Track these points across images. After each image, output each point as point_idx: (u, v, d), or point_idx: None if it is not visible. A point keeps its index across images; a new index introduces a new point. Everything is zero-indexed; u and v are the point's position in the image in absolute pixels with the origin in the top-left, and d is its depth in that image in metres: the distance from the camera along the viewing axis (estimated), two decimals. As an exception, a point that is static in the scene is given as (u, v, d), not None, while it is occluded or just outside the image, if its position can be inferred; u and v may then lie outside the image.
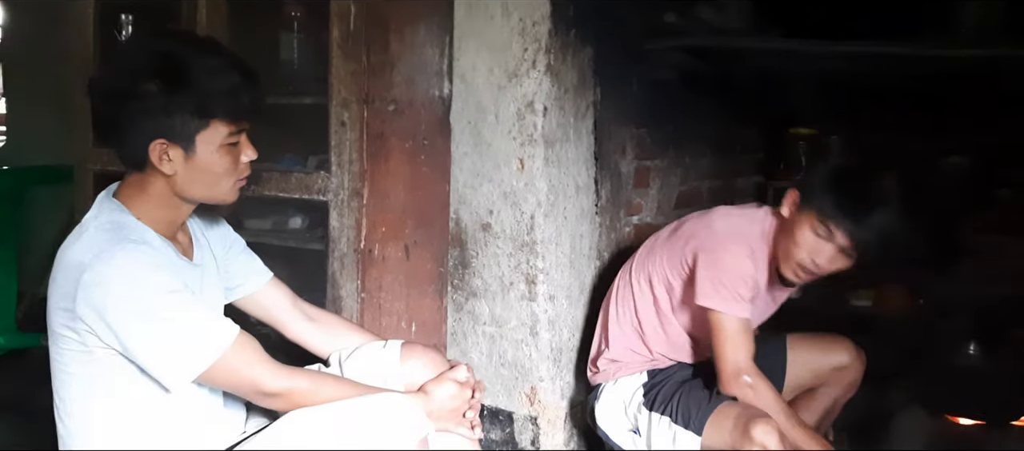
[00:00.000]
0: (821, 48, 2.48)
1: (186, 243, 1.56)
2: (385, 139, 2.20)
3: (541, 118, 2.22)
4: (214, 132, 1.42)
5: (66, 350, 1.40)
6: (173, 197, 1.46)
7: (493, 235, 2.32)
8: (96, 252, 1.34)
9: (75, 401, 1.44)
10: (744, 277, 1.92)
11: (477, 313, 2.38)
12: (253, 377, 1.42)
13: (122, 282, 1.34)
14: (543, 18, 2.21)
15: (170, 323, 1.36)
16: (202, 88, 1.38)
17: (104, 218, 1.42)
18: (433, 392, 1.60)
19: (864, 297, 3.33)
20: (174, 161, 1.41)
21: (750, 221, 2.02)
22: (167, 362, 1.38)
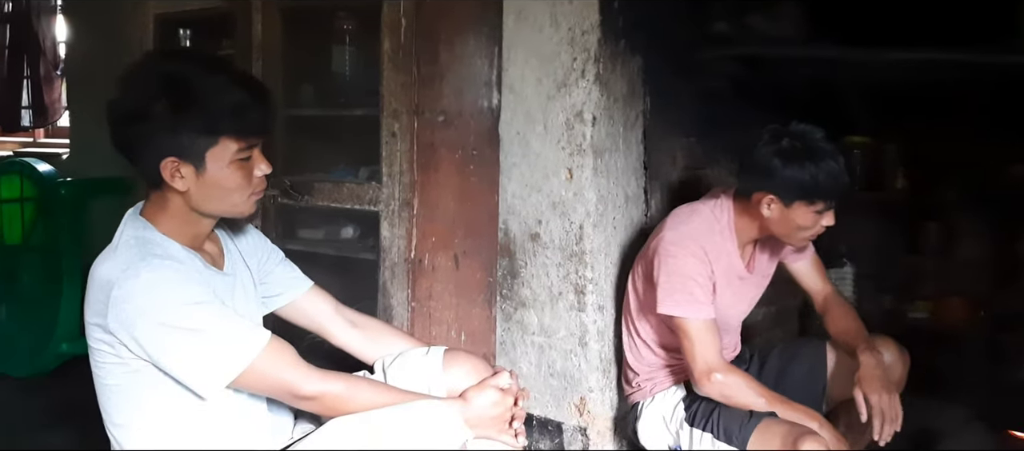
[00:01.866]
0: (875, 56, 2.44)
1: (216, 253, 1.59)
2: (435, 150, 2.21)
3: (590, 128, 2.22)
4: (223, 149, 1.44)
5: (104, 363, 1.44)
6: (191, 212, 1.48)
7: (542, 245, 2.32)
8: (123, 268, 1.38)
9: (119, 412, 1.47)
10: (693, 276, 1.94)
11: (526, 323, 2.38)
12: (286, 381, 1.45)
13: (149, 296, 1.36)
14: (592, 28, 2.20)
15: (198, 333, 1.39)
16: (209, 106, 1.40)
17: (130, 235, 1.45)
18: (473, 399, 1.59)
19: (921, 309, 3.25)
20: (186, 178, 1.43)
21: (702, 218, 2.03)
22: (197, 371, 1.41)
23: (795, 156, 1.88)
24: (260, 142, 1.50)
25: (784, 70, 2.69)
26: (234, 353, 1.41)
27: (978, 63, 2.36)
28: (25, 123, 4.88)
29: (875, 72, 2.72)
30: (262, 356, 1.42)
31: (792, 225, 1.94)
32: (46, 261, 3.45)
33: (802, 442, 1.77)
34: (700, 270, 1.95)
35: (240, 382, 1.43)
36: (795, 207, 1.91)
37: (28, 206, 3.53)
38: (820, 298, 2.24)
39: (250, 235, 1.71)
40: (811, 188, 1.87)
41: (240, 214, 1.53)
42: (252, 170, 1.49)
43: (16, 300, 3.57)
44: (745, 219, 2.01)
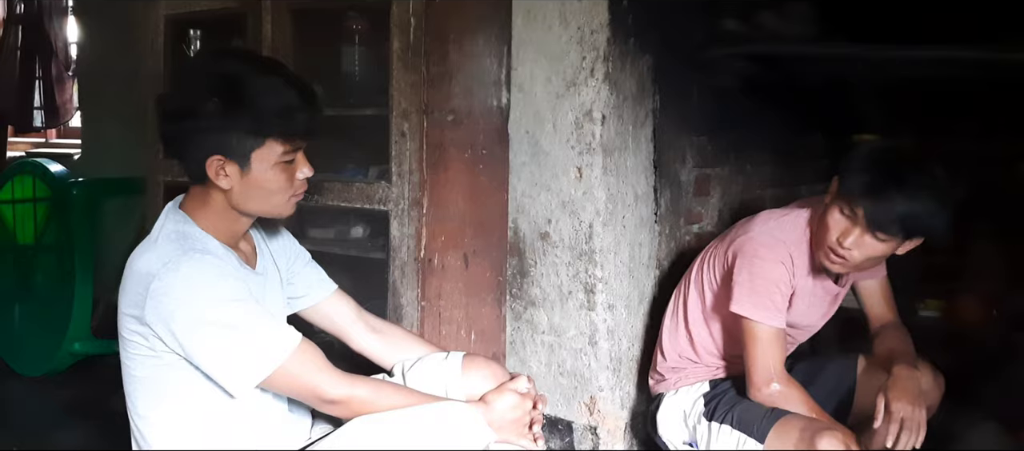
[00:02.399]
0: (887, 53, 2.42)
1: (249, 252, 1.61)
2: (444, 149, 2.21)
3: (599, 127, 2.22)
4: (269, 150, 1.46)
5: (135, 355, 1.46)
6: (231, 210, 1.51)
7: (551, 244, 2.32)
8: (164, 262, 1.40)
9: (145, 404, 1.49)
10: (777, 283, 1.89)
11: (536, 322, 2.38)
12: (314, 384, 1.46)
13: (188, 290, 1.39)
14: (601, 26, 2.20)
15: (234, 330, 1.41)
16: (258, 108, 1.42)
17: (170, 228, 1.47)
18: (494, 403, 1.61)
19: (933, 307, 3.23)
20: (231, 177, 1.46)
21: (792, 224, 1.98)
22: (231, 368, 1.42)
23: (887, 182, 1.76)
24: (305, 145, 1.52)
25: (795, 68, 2.68)
26: (267, 353, 1.43)
27: (992, 60, 2.35)
28: (37, 124, 4.91)
29: (887, 69, 2.70)
30: (293, 357, 1.44)
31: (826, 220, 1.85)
32: (58, 261, 3.48)
33: (820, 439, 1.75)
34: (783, 278, 1.91)
35: (270, 382, 1.45)
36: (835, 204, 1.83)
37: (41, 206, 3.56)
38: (877, 324, 2.15)
39: (282, 236, 1.73)
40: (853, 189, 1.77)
41: (279, 215, 1.56)
42: (295, 173, 1.51)
43: (29, 300, 3.60)
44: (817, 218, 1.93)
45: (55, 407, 3.17)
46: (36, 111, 4.87)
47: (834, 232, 1.83)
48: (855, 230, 1.80)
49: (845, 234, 1.81)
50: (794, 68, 2.69)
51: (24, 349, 3.58)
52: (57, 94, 4.79)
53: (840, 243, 1.82)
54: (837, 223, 1.82)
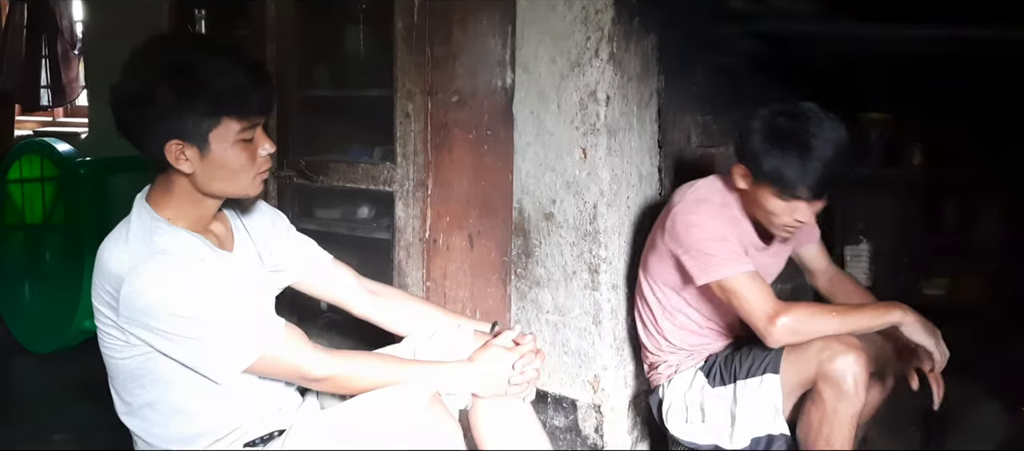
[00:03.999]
0: (892, 31, 2.41)
1: (224, 234, 1.60)
2: (449, 130, 2.21)
3: (604, 107, 2.21)
4: (226, 129, 1.45)
5: (113, 345, 1.47)
6: (196, 193, 1.50)
7: (556, 224, 2.33)
8: (131, 265, 1.40)
9: (127, 390, 1.51)
10: (721, 235, 1.91)
11: (540, 302, 2.39)
12: (297, 365, 1.49)
13: (159, 292, 1.39)
14: (606, 6, 2.18)
15: (209, 327, 1.42)
16: (210, 88, 1.42)
17: (137, 226, 1.46)
18: (478, 358, 1.64)
19: (938, 286, 3.24)
20: (191, 160, 1.45)
21: (708, 187, 2.01)
22: (211, 362, 1.44)
23: (775, 136, 1.83)
24: (262, 121, 1.51)
25: (801, 46, 2.67)
26: (246, 343, 1.44)
27: (998, 38, 2.33)
28: (44, 102, 4.92)
29: (893, 48, 2.69)
30: (273, 344, 1.46)
31: (761, 206, 1.90)
32: (67, 239, 3.49)
33: (833, 363, 1.77)
34: (723, 228, 1.92)
35: (254, 369, 1.47)
36: (762, 188, 1.87)
37: (49, 185, 3.57)
38: (825, 278, 2.24)
39: (259, 212, 1.72)
40: (772, 175, 1.82)
41: (246, 194, 1.55)
42: (256, 150, 1.51)
43: (38, 278, 3.62)
44: (746, 198, 1.97)
45: (65, 384, 3.19)
46: (42, 90, 4.89)
47: (781, 216, 1.87)
48: (800, 207, 1.84)
49: (796, 212, 1.85)
50: (798, 46, 2.68)
51: (34, 327, 3.61)
52: (63, 72, 4.80)
53: (796, 220, 1.87)
54: (781, 207, 1.85)
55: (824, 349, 1.81)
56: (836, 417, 1.80)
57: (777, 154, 1.81)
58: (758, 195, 1.89)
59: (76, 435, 2.73)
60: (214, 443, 1.53)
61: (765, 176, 1.84)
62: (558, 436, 2.37)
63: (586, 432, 2.35)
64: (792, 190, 1.82)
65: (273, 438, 1.58)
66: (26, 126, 5.17)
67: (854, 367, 1.77)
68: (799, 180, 1.80)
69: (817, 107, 1.88)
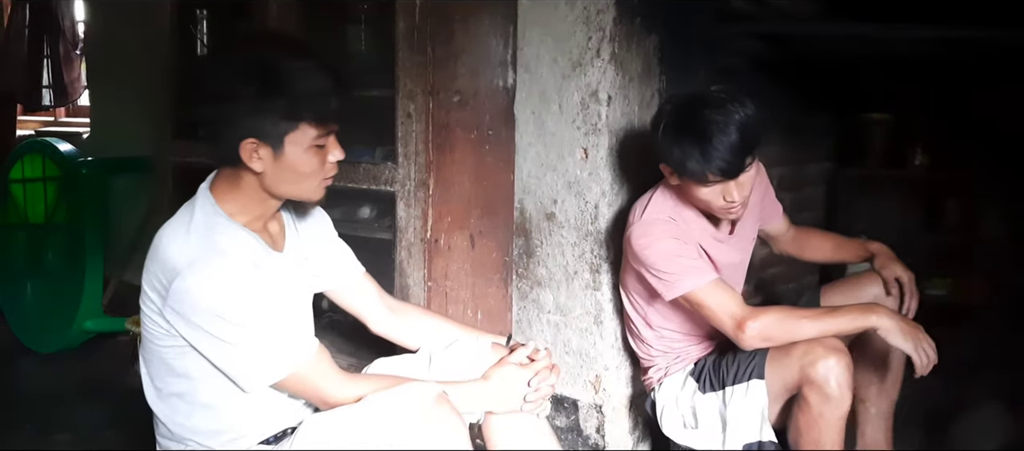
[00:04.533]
0: (894, 32, 2.42)
1: (277, 232, 1.62)
2: (450, 130, 2.21)
3: (605, 107, 2.21)
4: (302, 134, 1.46)
5: (155, 330, 1.49)
6: (261, 192, 1.51)
7: (557, 224, 2.33)
8: (189, 260, 1.41)
9: (160, 376, 1.53)
10: (678, 251, 1.92)
11: (541, 302, 2.39)
12: (320, 388, 1.52)
13: (209, 296, 1.41)
14: (607, 6, 2.18)
15: (251, 336, 1.44)
16: (292, 92, 1.43)
17: (200, 219, 1.48)
18: (491, 376, 1.65)
19: (939, 286, 3.23)
20: (263, 160, 1.46)
21: (654, 202, 2.02)
22: (244, 370, 1.47)
23: (674, 130, 1.85)
24: (337, 129, 1.53)
25: (803, 47, 2.67)
26: (280, 359, 1.48)
27: (1000, 39, 2.33)
28: (46, 102, 4.93)
29: (894, 48, 2.69)
30: (306, 365, 1.49)
31: (694, 197, 1.91)
32: (69, 239, 3.50)
33: (814, 367, 1.77)
34: (678, 244, 1.93)
35: (281, 384, 1.50)
36: (684, 180, 1.88)
37: (50, 185, 3.58)
38: (788, 236, 2.30)
39: (314, 217, 1.74)
40: (680, 166, 1.84)
41: (310, 199, 1.56)
42: (326, 156, 1.52)
43: (40, 278, 3.63)
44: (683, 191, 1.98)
45: (67, 384, 3.20)
46: (44, 90, 4.89)
47: (714, 200, 1.88)
48: (727, 186, 1.85)
49: (726, 193, 1.86)
50: (801, 47, 2.69)
51: (36, 326, 3.61)
52: (65, 73, 4.80)
53: (727, 200, 1.87)
54: (709, 193, 1.87)
55: (805, 354, 1.80)
56: (823, 420, 1.79)
57: (679, 147, 1.83)
58: (686, 187, 1.91)
59: (78, 435, 2.74)
60: (231, 442, 1.55)
61: (678, 170, 1.86)
62: (559, 436, 2.37)
63: (588, 432, 2.35)
64: (704, 177, 1.83)
65: (286, 435, 1.59)
66: (28, 126, 5.18)
67: (836, 369, 1.76)
68: (706, 166, 1.81)
69: (718, 89, 1.92)
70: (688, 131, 1.82)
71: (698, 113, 1.82)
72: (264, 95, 1.43)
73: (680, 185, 1.94)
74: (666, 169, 1.94)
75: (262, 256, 1.53)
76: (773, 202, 2.25)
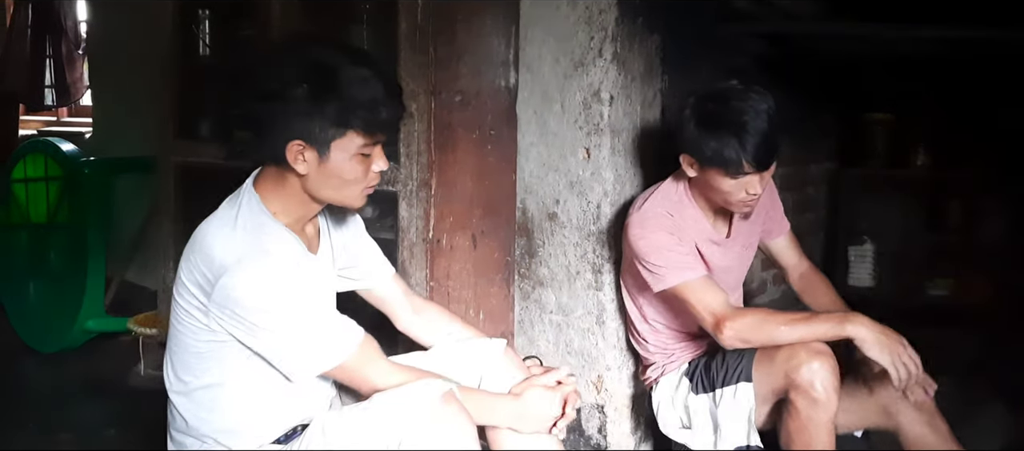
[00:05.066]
0: (898, 32, 2.41)
1: (313, 235, 1.63)
2: (452, 130, 2.21)
3: (607, 107, 2.21)
4: (349, 141, 1.46)
5: (191, 326, 1.49)
6: (304, 194, 1.52)
7: (559, 224, 2.32)
8: (237, 257, 1.42)
9: (189, 372, 1.53)
10: (669, 244, 1.94)
11: (544, 302, 2.38)
12: (370, 377, 1.53)
13: (258, 292, 1.42)
14: (610, 6, 2.18)
15: (300, 329, 1.45)
16: (345, 98, 1.43)
17: (247, 216, 1.49)
18: (524, 395, 1.66)
19: (941, 286, 3.23)
20: (309, 162, 1.46)
21: (659, 194, 2.03)
22: (292, 358, 1.48)
23: (707, 121, 1.86)
24: (385, 139, 1.53)
25: (806, 47, 2.67)
26: (329, 348, 1.49)
27: (1003, 39, 2.33)
28: (48, 102, 4.93)
29: (897, 48, 2.69)
30: (355, 353, 1.50)
31: (714, 189, 1.92)
32: (71, 239, 3.49)
33: (798, 371, 1.76)
34: (670, 238, 1.95)
35: (329, 373, 1.52)
36: (710, 172, 1.89)
37: (53, 185, 3.57)
38: (796, 273, 2.25)
39: (351, 224, 1.75)
40: (715, 156, 1.84)
41: (351, 206, 1.57)
42: (371, 165, 1.52)
43: (42, 278, 3.62)
44: (699, 185, 1.98)
45: (70, 383, 3.19)
46: (47, 89, 4.90)
47: (735, 193, 1.88)
48: (751, 179, 1.86)
49: (749, 186, 1.87)
50: (803, 46, 2.68)
51: (39, 326, 3.60)
52: (67, 72, 4.81)
53: (749, 194, 1.88)
54: (732, 185, 1.87)
55: (790, 357, 1.80)
56: (811, 424, 1.78)
57: (714, 137, 1.84)
58: (708, 179, 1.91)
59: (80, 435, 2.74)
60: (250, 443, 1.55)
61: (709, 161, 1.86)
62: (561, 436, 2.37)
63: (589, 432, 2.35)
64: (738, 167, 1.83)
65: (296, 433, 1.60)
66: (30, 126, 5.18)
67: (821, 373, 1.75)
68: (742, 156, 1.82)
69: (738, 84, 1.93)
70: (724, 122, 1.83)
71: (731, 106, 1.85)
72: (316, 98, 1.43)
73: (699, 178, 1.94)
74: (688, 160, 1.93)
75: (301, 257, 1.54)
76: (780, 216, 2.23)
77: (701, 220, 2.02)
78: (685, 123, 1.91)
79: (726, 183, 1.88)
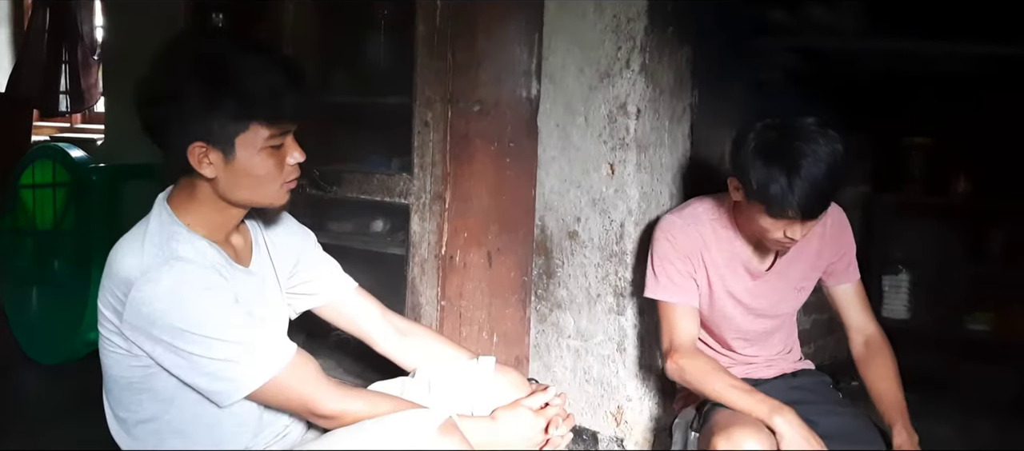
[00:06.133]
0: (938, 49, 2.32)
1: (243, 247, 1.52)
2: (469, 141, 2.13)
3: (634, 121, 2.14)
4: (254, 135, 1.37)
5: (114, 354, 1.38)
6: (219, 200, 1.42)
7: (580, 244, 2.25)
8: (144, 270, 1.32)
9: (120, 404, 1.43)
10: (666, 258, 1.90)
11: (562, 325, 2.30)
12: (306, 397, 1.39)
13: (169, 303, 1.31)
14: (639, 15, 2.12)
15: (218, 345, 1.33)
16: (240, 89, 1.35)
17: (155, 228, 1.39)
18: (503, 418, 1.55)
19: (981, 320, 3.11)
20: (214, 164, 1.37)
21: (700, 205, 1.96)
22: (214, 381, 1.35)
23: (767, 152, 1.73)
24: (293, 128, 1.43)
25: (843, 63, 2.59)
26: (254, 366, 1.35)
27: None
28: (62, 108, 4.92)
29: (939, 66, 2.59)
30: (285, 371, 1.37)
31: (753, 221, 1.81)
32: (76, 247, 3.45)
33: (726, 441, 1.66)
34: (669, 251, 1.90)
35: (259, 395, 1.37)
36: (753, 203, 1.77)
37: (60, 191, 3.53)
38: (859, 338, 2.04)
39: (283, 226, 1.63)
40: (761, 190, 1.73)
41: (271, 205, 1.47)
42: (284, 158, 1.42)
43: (46, 286, 3.58)
44: (742, 210, 1.87)
45: (69, 396, 3.12)
46: (61, 95, 4.89)
47: (773, 233, 1.79)
48: (793, 226, 1.76)
49: (790, 229, 1.76)
50: (841, 63, 2.59)
51: (40, 336, 3.56)
52: (82, 78, 4.80)
53: (788, 238, 1.78)
54: (773, 226, 1.77)
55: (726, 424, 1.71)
56: None
57: (765, 171, 1.72)
58: (750, 209, 1.81)
59: (79, 449, 2.65)
60: None
61: (754, 193, 1.76)
62: (577, 469, 2.26)
63: (607, 466, 2.24)
64: (780, 210, 1.72)
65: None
66: (44, 131, 5.16)
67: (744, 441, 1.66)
68: (786, 201, 1.70)
69: (815, 121, 1.77)
70: (780, 158, 1.71)
71: (792, 142, 1.72)
72: (210, 94, 1.33)
73: (742, 204, 1.83)
74: (734, 183, 1.83)
75: (225, 269, 1.42)
76: (849, 261, 2.04)
77: (738, 244, 1.91)
78: (743, 145, 1.79)
79: (766, 220, 1.77)
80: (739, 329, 1.97)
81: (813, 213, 1.73)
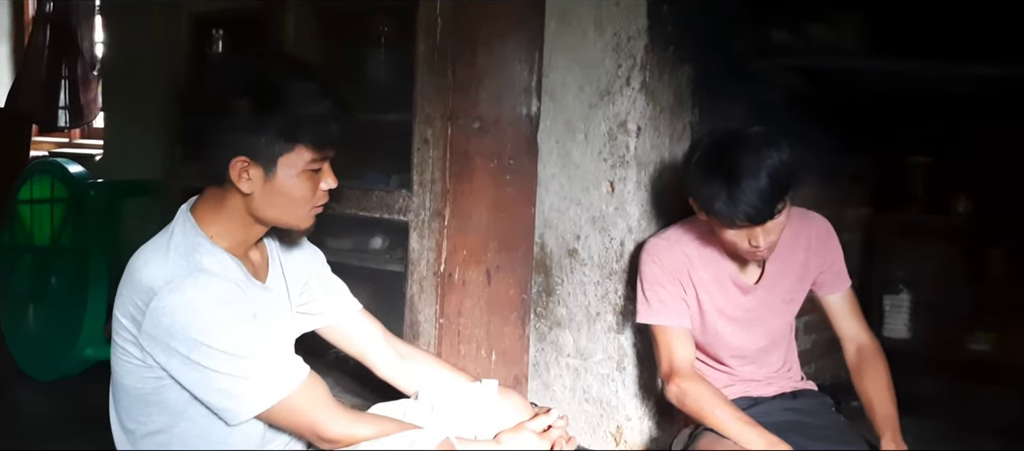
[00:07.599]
0: (939, 69, 2.30)
1: (260, 263, 1.54)
2: (469, 158, 2.12)
3: (634, 139, 2.13)
4: (297, 157, 1.40)
5: (127, 363, 1.39)
6: (247, 216, 1.44)
7: (580, 262, 2.23)
8: (167, 280, 1.33)
9: (129, 415, 1.43)
10: (654, 280, 1.90)
11: (561, 344, 2.28)
12: (314, 421, 1.40)
13: (189, 315, 1.32)
14: (639, 33, 2.11)
15: (234, 361, 1.34)
16: (291, 112, 1.37)
17: (180, 239, 1.40)
18: (506, 440, 1.56)
19: (983, 341, 3.09)
20: (253, 180, 1.39)
21: (685, 225, 1.95)
22: (226, 398, 1.36)
23: (708, 167, 1.74)
24: (333, 155, 1.46)
25: (843, 82, 2.58)
26: (269, 387, 1.36)
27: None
28: (61, 123, 4.92)
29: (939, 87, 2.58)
30: (297, 392, 1.37)
31: (721, 237, 1.80)
32: (74, 263, 3.43)
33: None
34: (657, 274, 1.90)
35: (268, 415, 1.38)
36: (711, 218, 1.77)
37: (58, 207, 3.51)
38: (852, 347, 2.02)
39: (300, 248, 1.65)
40: (707, 205, 1.74)
41: (298, 227, 1.49)
42: (319, 183, 1.45)
43: (43, 302, 3.55)
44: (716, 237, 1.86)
45: (65, 412, 3.11)
46: (61, 111, 4.88)
47: (739, 243, 1.78)
48: (754, 231, 1.75)
49: (752, 237, 1.75)
50: (841, 83, 2.59)
51: (37, 352, 3.53)
52: (82, 94, 4.80)
53: (753, 245, 1.77)
54: (735, 236, 1.77)
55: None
56: None
57: (707, 186, 1.73)
58: (712, 225, 1.81)
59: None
60: None
61: (704, 208, 1.77)
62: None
63: (607, 487, 2.21)
64: (729, 220, 1.72)
65: None
66: (43, 147, 5.16)
67: None
68: (731, 211, 1.70)
69: (760, 130, 1.78)
70: (717, 171, 1.72)
71: (730, 153, 1.72)
72: (262, 112, 1.36)
73: (707, 220, 1.83)
74: (692, 201, 1.83)
75: (244, 283, 1.44)
76: (838, 270, 2.02)
77: (724, 261, 1.90)
78: (687, 163, 1.81)
79: (727, 233, 1.78)
80: (732, 347, 1.95)
81: (761, 218, 1.71)
